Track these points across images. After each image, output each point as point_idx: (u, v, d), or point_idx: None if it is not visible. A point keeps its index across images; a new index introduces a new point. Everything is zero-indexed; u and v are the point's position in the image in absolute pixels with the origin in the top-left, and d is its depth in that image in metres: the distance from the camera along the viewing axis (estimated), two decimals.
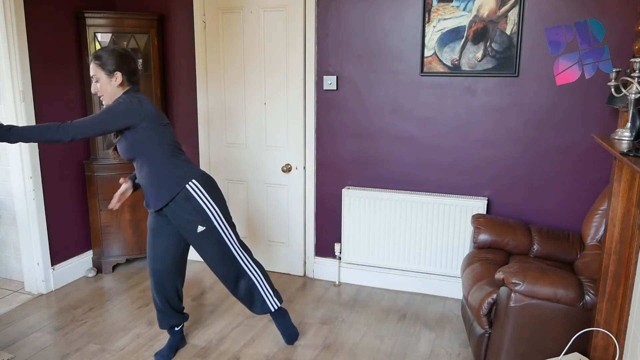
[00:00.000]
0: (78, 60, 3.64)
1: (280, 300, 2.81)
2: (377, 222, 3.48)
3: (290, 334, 2.87)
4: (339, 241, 3.63)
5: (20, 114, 3.27)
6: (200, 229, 2.54)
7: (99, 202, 3.72)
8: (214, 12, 3.68)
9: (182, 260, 2.73)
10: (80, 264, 3.78)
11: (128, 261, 3.99)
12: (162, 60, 3.85)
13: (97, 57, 2.43)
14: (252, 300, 2.76)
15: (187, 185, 2.51)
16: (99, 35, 3.62)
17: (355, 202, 3.51)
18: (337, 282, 3.70)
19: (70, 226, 3.70)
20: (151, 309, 3.29)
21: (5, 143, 2.41)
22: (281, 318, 2.86)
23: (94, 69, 2.42)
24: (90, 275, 3.79)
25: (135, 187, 2.69)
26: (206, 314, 3.23)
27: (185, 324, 3.09)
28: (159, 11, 3.80)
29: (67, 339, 2.93)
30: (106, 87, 2.43)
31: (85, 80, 3.66)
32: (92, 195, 3.73)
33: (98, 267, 3.85)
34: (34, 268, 3.49)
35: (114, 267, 3.90)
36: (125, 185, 2.67)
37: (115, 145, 2.56)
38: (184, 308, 2.83)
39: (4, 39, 3.15)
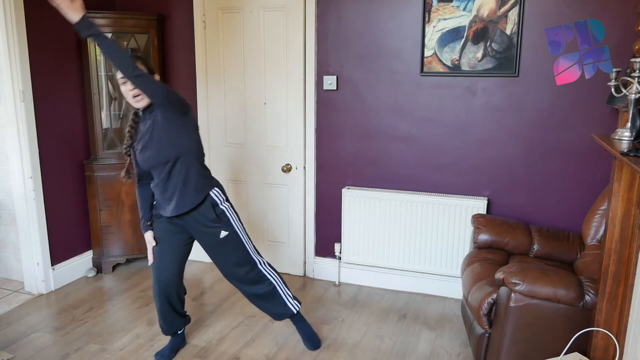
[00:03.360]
0: (78, 60, 3.64)
1: (300, 303, 2.82)
2: (377, 222, 3.48)
3: (315, 340, 2.85)
4: (339, 241, 3.63)
5: (20, 114, 3.27)
6: (223, 234, 2.57)
7: (99, 202, 3.72)
8: (214, 12, 3.68)
9: (184, 268, 2.73)
10: (80, 264, 3.78)
11: (128, 261, 3.99)
12: (162, 60, 3.85)
13: (141, 56, 2.41)
14: (273, 304, 2.74)
15: (211, 192, 2.55)
16: None
17: (355, 202, 3.51)
18: (337, 282, 3.70)
19: (70, 226, 3.70)
20: (151, 309, 3.29)
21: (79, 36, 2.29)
22: (303, 322, 2.86)
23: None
24: (90, 275, 3.79)
25: (151, 229, 2.66)
26: (206, 314, 3.23)
27: None
28: (159, 11, 3.80)
29: (67, 339, 2.93)
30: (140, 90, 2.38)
31: (85, 80, 3.66)
32: (92, 195, 3.73)
33: (98, 267, 3.85)
34: (34, 268, 3.49)
35: (114, 267, 3.90)
36: (149, 236, 2.64)
37: (128, 169, 2.53)
38: (186, 311, 2.83)
39: (4, 39, 3.15)
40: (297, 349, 2.85)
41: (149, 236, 2.63)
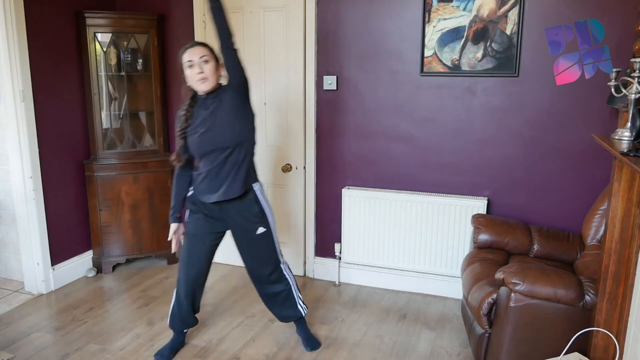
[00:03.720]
0: (78, 60, 3.64)
1: (307, 307, 2.87)
2: (377, 222, 3.48)
3: (315, 342, 2.87)
4: (339, 241, 3.63)
5: (20, 114, 3.27)
6: (260, 230, 2.60)
7: (99, 202, 3.72)
8: None
9: (210, 266, 2.76)
10: (80, 264, 3.78)
11: (128, 261, 3.99)
12: (162, 60, 3.85)
13: (209, 46, 2.47)
14: (284, 304, 2.78)
15: (254, 187, 2.59)
16: (99, 35, 3.62)
17: (355, 202, 3.51)
18: (337, 282, 3.70)
19: (70, 226, 3.70)
20: (151, 309, 3.29)
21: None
22: (305, 325, 2.89)
23: (206, 52, 2.42)
24: (90, 275, 3.79)
25: (179, 220, 2.74)
26: (206, 314, 3.23)
27: None
28: (159, 11, 3.80)
29: (67, 339, 2.93)
30: (213, 72, 2.43)
31: (85, 80, 3.66)
32: (92, 195, 3.73)
33: (98, 267, 3.85)
34: (34, 268, 3.49)
35: (114, 267, 3.90)
36: (175, 227, 2.73)
37: (178, 153, 2.53)
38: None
39: (4, 39, 3.15)
40: (297, 349, 2.85)
41: (174, 227, 2.69)
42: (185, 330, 2.82)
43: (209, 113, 2.46)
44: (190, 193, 2.65)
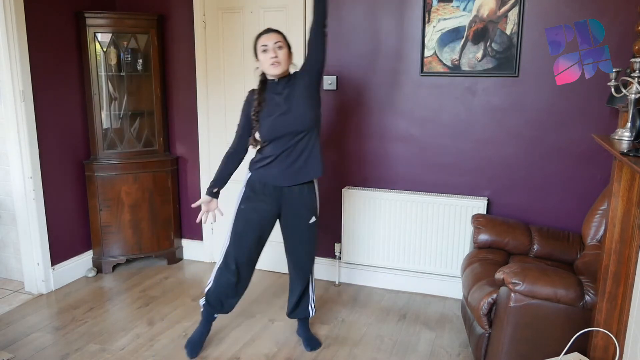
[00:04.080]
0: (78, 60, 3.64)
1: (316, 309, 2.95)
2: (377, 222, 3.48)
3: (315, 342, 2.88)
4: (339, 241, 3.63)
5: (20, 114, 3.27)
6: (312, 220, 2.68)
7: (99, 202, 3.72)
8: (214, 12, 3.68)
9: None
10: (80, 264, 3.78)
11: (128, 261, 3.99)
12: (162, 60, 3.85)
13: (283, 34, 2.56)
14: (300, 301, 2.83)
15: (314, 180, 2.67)
16: (99, 35, 3.62)
17: (355, 202, 3.51)
18: (337, 282, 3.70)
19: (70, 226, 3.70)
20: (151, 308, 3.29)
21: None
22: (307, 324, 2.92)
23: (280, 38, 2.52)
24: (90, 275, 3.79)
25: (216, 195, 2.74)
26: None
27: (185, 324, 3.11)
28: (159, 11, 3.80)
29: (67, 339, 2.93)
30: (286, 58, 2.52)
31: (85, 80, 3.66)
32: (92, 195, 3.73)
33: (98, 267, 3.85)
34: (34, 268, 3.49)
35: (114, 267, 3.90)
36: (207, 198, 2.72)
37: (254, 136, 2.55)
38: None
39: (4, 39, 3.15)
40: (297, 349, 2.85)
41: (207, 199, 2.70)
42: (216, 316, 2.83)
43: (283, 98, 2.52)
44: (249, 176, 2.66)
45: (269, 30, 2.55)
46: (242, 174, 3.92)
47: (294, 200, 2.62)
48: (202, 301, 2.81)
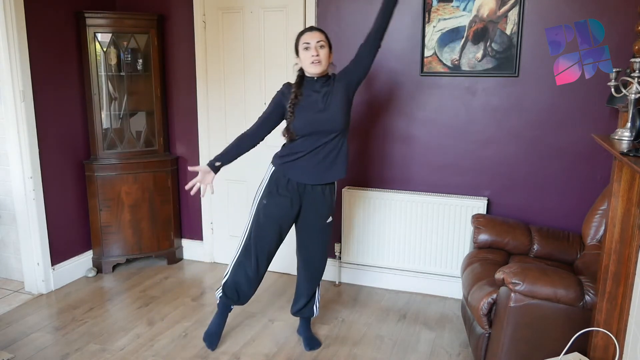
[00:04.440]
0: (78, 60, 3.64)
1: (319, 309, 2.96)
2: (377, 222, 3.48)
3: (315, 342, 2.89)
4: (339, 241, 3.63)
5: (20, 114, 3.27)
6: (329, 219, 2.71)
7: (99, 202, 3.72)
8: (214, 12, 3.68)
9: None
10: (80, 264, 3.78)
11: (128, 261, 3.99)
12: (162, 60, 3.85)
13: (326, 33, 2.58)
14: (308, 301, 2.86)
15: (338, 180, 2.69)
16: (99, 35, 3.62)
17: (356, 202, 3.51)
18: (337, 282, 3.70)
19: (70, 226, 3.70)
20: (151, 308, 3.29)
21: None
22: (309, 324, 2.93)
23: (323, 37, 2.54)
24: (90, 275, 3.79)
25: (216, 170, 2.63)
26: (206, 314, 3.23)
27: (185, 324, 3.11)
28: (159, 11, 3.80)
29: (67, 339, 2.93)
30: (326, 57, 2.55)
31: (85, 80, 3.66)
32: (92, 195, 3.73)
33: (98, 267, 3.85)
34: (34, 268, 3.49)
35: (114, 267, 3.90)
36: (206, 168, 2.61)
37: (288, 127, 2.55)
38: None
39: (4, 39, 3.15)
40: (297, 349, 2.85)
41: (206, 169, 2.60)
42: (232, 307, 2.86)
43: (321, 96, 2.54)
44: (272, 170, 2.67)
45: (312, 29, 2.59)
46: (239, 176, 3.93)
47: (315, 199, 2.64)
48: (218, 293, 2.83)
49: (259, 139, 2.67)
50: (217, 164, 2.61)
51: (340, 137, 2.58)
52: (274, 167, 2.66)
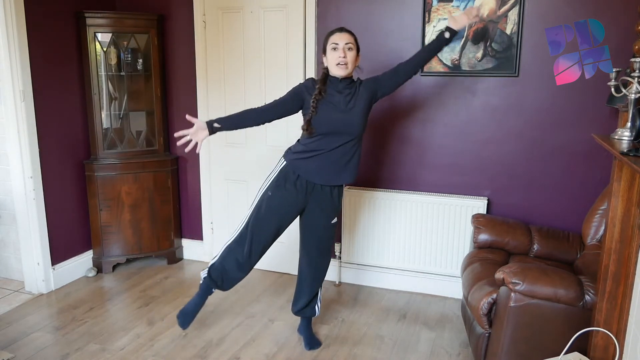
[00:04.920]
0: (78, 60, 3.64)
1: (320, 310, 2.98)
2: (377, 222, 3.48)
3: (315, 342, 2.89)
4: (339, 241, 3.63)
5: (20, 114, 3.27)
6: (334, 220, 2.73)
7: (99, 202, 3.72)
8: (214, 12, 3.68)
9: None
10: (81, 264, 3.78)
11: (128, 261, 3.99)
12: (162, 60, 3.85)
13: (355, 36, 2.60)
14: (310, 301, 2.86)
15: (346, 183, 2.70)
16: (99, 35, 3.62)
17: (356, 202, 3.51)
18: (337, 282, 3.70)
19: (70, 226, 3.70)
20: (151, 308, 3.29)
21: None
22: (310, 324, 2.94)
23: (352, 40, 2.56)
24: (90, 275, 3.79)
25: (212, 130, 2.53)
26: (206, 314, 3.23)
27: None
28: (159, 11, 3.80)
29: (67, 339, 2.93)
30: (353, 60, 2.56)
31: (85, 80, 3.66)
32: (92, 195, 3.73)
33: (98, 266, 3.85)
34: (34, 268, 3.49)
35: (114, 267, 3.90)
36: (202, 125, 2.51)
37: (309, 121, 2.51)
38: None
39: (4, 39, 3.15)
40: (297, 349, 2.85)
41: (202, 125, 2.50)
42: (213, 291, 2.83)
43: (344, 97, 2.55)
44: (283, 164, 2.65)
45: (342, 30, 2.58)
46: (239, 176, 3.93)
47: (323, 199, 2.64)
48: (203, 273, 2.82)
49: (264, 120, 2.61)
50: (216, 125, 2.52)
51: (356, 142, 2.58)
52: (285, 161, 2.64)
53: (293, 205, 2.64)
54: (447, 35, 2.60)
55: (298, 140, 2.67)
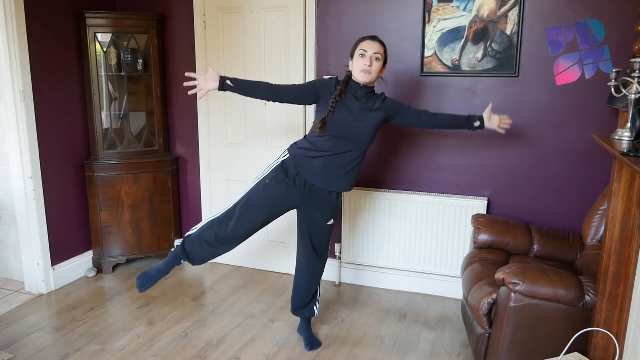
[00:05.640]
0: (78, 60, 3.64)
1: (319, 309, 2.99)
2: (377, 222, 3.48)
3: (315, 342, 2.89)
4: (339, 241, 3.63)
5: (20, 114, 3.27)
6: (330, 222, 2.72)
7: (99, 202, 3.72)
8: (214, 12, 3.68)
9: None
10: (80, 264, 3.78)
11: (128, 261, 3.99)
12: (162, 60, 3.85)
13: (385, 47, 2.59)
14: (309, 301, 2.87)
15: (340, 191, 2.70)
16: (99, 35, 3.62)
17: (355, 202, 3.51)
18: (337, 282, 3.70)
19: (70, 226, 3.70)
20: (151, 308, 3.29)
21: None
22: (309, 324, 2.94)
23: (381, 50, 2.55)
24: (90, 275, 3.79)
25: (222, 87, 2.53)
26: (206, 314, 3.23)
27: (185, 324, 3.11)
28: (159, 11, 3.80)
29: (67, 339, 2.93)
30: (377, 71, 2.56)
31: (85, 80, 3.66)
32: (92, 195, 3.73)
33: (98, 267, 3.85)
34: (34, 268, 3.49)
35: (114, 267, 3.90)
36: (214, 75, 2.52)
37: (324, 119, 2.48)
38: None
39: (4, 39, 3.15)
40: (297, 349, 2.85)
41: (214, 75, 2.52)
42: (182, 262, 2.76)
43: (360, 106, 2.55)
44: (285, 157, 2.63)
45: (374, 38, 2.58)
46: (239, 176, 3.92)
47: (319, 200, 2.63)
48: (177, 241, 2.75)
49: (275, 98, 2.59)
50: (227, 80, 2.53)
51: (360, 153, 2.58)
52: (288, 154, 2.63)
53: (287, 199, 2.62)
54: (476, 124, 2.68)
55: (305, 136, 2.67)
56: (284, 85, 2.62)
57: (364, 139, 2.55)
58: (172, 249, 2.77)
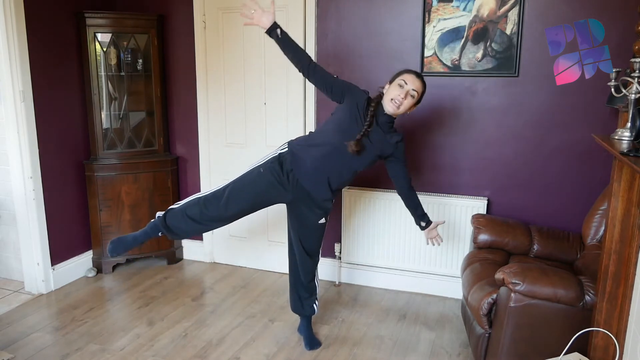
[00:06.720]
0: (78, 60, 3.64)
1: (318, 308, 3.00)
2: (377, 222, 3.48)
3: (315, 342, 2.89)
4: (339, 241, 3.63)
5: (20, 114, 3.27)
6: (322, 221, 2.72)
7: (99, 202, 3.72)
8: (214, 12, 3.68)
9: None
10: (80, 264, 3.78)
11: (128, 261, 3.99)
12: (162, 60, 3.85)
13: (425, 87, 2.57)
14: (307, 300, 2.87)
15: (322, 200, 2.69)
16: (99, 35, 3.62)
17: (355, 202, 3.51)
18: (337, 282, 3.70)
19: (70, 226, 3.70)
20: (151, 309, 3.29)
21: None
22: (309, 323, 2.93)
23: (420, 89, 2.53)
24: (90, 275, 3.79)
25: (272, 30, 2.50)
26: (206, 314, 3.23)
27: (185, 324, 3.10)
28: (159, 11, 3.80)
29: (67, 339, 2.93)
30: (407, 106, 2.53)
31: (85, 80, 3.66)
32: (92, 195, 3.73)
33: (98, 267, 3.85)
34: (34, 268, 3.49)
35: (114, 267, 3.90)
36: (271, 10, 2.50)
37: (359, 141, 2.49)
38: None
39: (4, 39, 3.15)
40: (297, 349, 2.85)
41: (271, 16, 2.50)
42: (160, 235, 2.73)
43: (378, 136, 2.54)
44: (284, 149, 2.62)
45: (419, 76, 2.54)
46: None
47: (308, 201, 2.63)
48: (160, 213, 2.73)
49: (307, 70, 2.56)
50: (279, 30, 2.51)
51: (351, 176, 2.62)
52: (286, 148, 2.62)
53: (277, 191, 2.60)
54: (422, 224, 2.73)
55: (310, 132, 2.70)
56: (321, 67, 2.61)
57: (358, 161, 2.55)
58: (152, 220, 2.73)
